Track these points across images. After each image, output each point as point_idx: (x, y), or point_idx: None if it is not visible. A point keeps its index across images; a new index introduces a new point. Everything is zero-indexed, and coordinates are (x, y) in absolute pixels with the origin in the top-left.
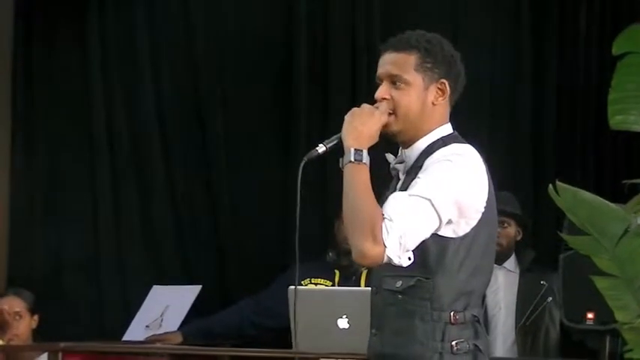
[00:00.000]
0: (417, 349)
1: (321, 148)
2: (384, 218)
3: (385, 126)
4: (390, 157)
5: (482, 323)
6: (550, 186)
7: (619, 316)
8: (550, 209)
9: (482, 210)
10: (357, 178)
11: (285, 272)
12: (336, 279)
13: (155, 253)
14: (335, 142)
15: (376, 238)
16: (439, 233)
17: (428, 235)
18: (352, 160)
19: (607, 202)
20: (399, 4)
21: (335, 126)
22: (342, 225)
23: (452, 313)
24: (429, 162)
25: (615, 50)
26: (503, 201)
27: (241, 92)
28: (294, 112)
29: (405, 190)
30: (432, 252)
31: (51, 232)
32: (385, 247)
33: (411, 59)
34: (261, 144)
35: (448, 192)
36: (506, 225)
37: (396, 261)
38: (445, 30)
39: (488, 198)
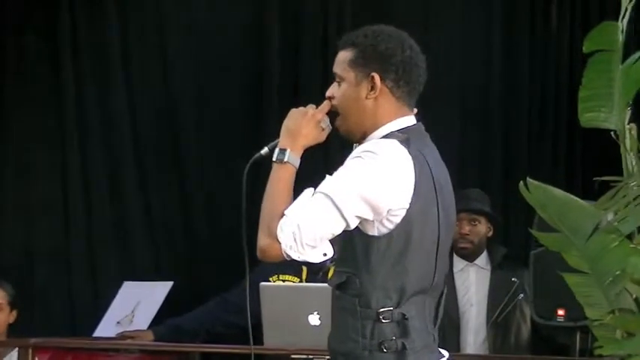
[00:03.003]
0: (350, 345)
1: (263, 150)
2: (283, 215)
3: (336, 128)
4: None
5: (413, 320)
6: (521, 183)
7: (589, 312)
8: (521, 206)
9: (406, 207)
10: (274, 176)
11: (254, 269)
12: (304, 275)
13: (126, 249)
14: (276, 143)
15: (272, 234)
16: (362, 230)
17: (336, 232)
18: (274, 159)
19: (577, 199)
20: (370, 5)
21: None
22: None
23: (379, 311)
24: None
25: (586, 48)
26: (474, 198)
27: (213, 93)
28: (266, 113)
29: None
30: (358, 249)
31: (21, 229)
32: (280, 243)
33: (347, 56)
34: (233, 144)
35: (352, 189)
36: (476, 222)
37: (296, 256)
38: (415, 30)
39: (415, 195)
